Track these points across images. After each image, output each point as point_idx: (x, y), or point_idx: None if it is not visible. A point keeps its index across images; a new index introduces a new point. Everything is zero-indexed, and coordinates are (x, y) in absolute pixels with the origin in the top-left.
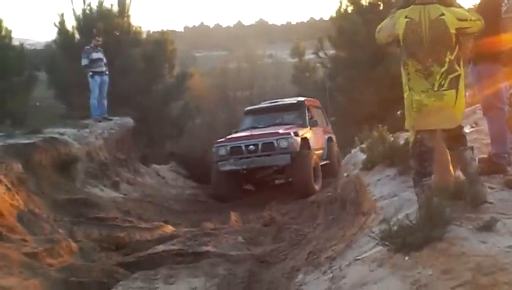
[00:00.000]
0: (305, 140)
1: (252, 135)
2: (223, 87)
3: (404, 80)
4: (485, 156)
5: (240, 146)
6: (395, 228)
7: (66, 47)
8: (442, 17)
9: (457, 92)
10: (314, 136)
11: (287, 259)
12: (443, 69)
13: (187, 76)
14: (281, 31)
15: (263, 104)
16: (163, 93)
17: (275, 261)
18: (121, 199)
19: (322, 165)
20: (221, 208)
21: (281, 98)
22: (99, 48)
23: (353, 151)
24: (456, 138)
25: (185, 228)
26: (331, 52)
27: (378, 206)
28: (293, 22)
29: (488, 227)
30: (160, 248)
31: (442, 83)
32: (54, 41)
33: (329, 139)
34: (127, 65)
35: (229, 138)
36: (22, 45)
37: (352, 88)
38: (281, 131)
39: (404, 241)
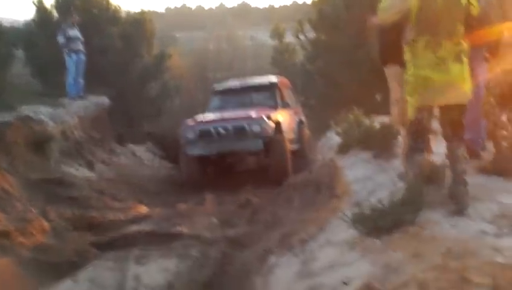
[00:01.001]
0: (277, 124)
1: (222, 118)
2: (203, 68)
3: (407, 57)
4: None
5: (210, 129)
6: (367, 211)
7: (44, 25)
8: None
9: (462, 65)
10: (285, 119)
11: (260, 242)
12: (452, 42)
13: (166, 56)
14: (264, 13)
15: (233, 83)
16: (142, 73)
17: (248, 243)
18: (96, 179)
19: (293, 150)
20: (196, 189)
21: (251, 77)
22: (75, 26)
23: (329, 134)
24: (455, 126)
25: (159, 208)
26: (312, 35)
27: (352, 189)
28: (276, 6)
29: (460, 211)
30: (134, 228)
31: (449, 56)
32: (33, 19)
33: (300, 122)
34: (105, 44)
35: (198, 120)
36: None
37: (331, 71)
38: (253, 115)
39: (376, 224)
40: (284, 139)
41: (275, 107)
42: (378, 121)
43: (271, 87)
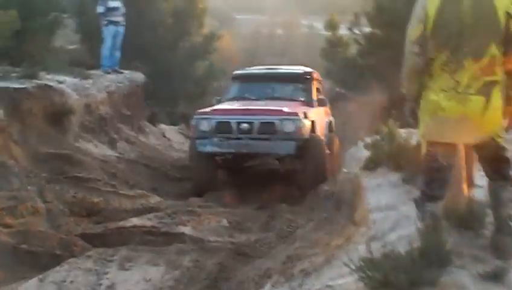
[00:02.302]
0: (312, 124)
1: (246, 109)
2: (253, 52)
3: (424, 80)
4: None
5: (229, 122)
6: (379, 258)
7: None
8: None
9: (487, 101)
10: (320, 119)
11: (266, 256)
12: (479, 65)
13: (216, 37)
14: (326, 2)
15: (259, 69)
16: (189, 52)
17: (254, 255)
18: (114, 159)
19: None
20: (220, 180)
21: (284, 65)
22: None
23: (360, 144)
24: (494, 162)
25: (171, 199)
26: (367, 29)
27: (372, 218)
28: None
29: (496, 276)
30: (133, 221)
31: (471, 84)
32: None
33: (330, 124)
34: (155, 19)
35: (215, 109)
36: None
37: (383, 69)
38: (285, 109)
39: (387, 279)
40: (322, 141)
41: (309, 104)
42: (415, 135)
43: (306, 79)
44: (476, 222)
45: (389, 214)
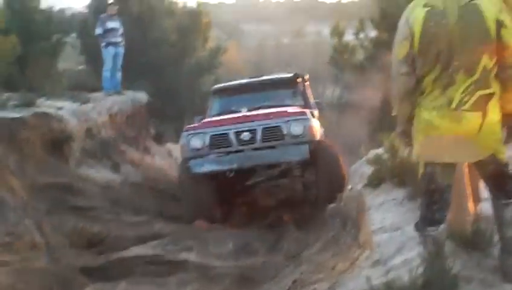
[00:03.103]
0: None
1: (245, 116)
2: (260, 63)
3: (416, 99)
4: None
5: (227, 133)
6: (380, 287)
7: (98, 13)
8: (475, 1)
9: (484, 117)
10: (319, 124)
11: (272, 281)
12: (472, 79)
13: (221, 50)
14: (332, 9)
15: (240, 81)
16: (195, 67)
17: (260, 279)
18: (117, 183)
19: None
20: (224, 200)
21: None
22: (116, 17)
23: (364, 158)
24: (497, 179)
25: (177, 223)
26: (373, 34)
27: (376, 241)
28: (344, 1)
29: None
30: (135, 251)
31: (465, 99)
32: (88, 6)
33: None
34: (159, 36)
35: (207, 122)
36: (50, 8)
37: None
38: (290, 110)
39: None
40: (333, 144)
41: (306, 107)
42: None
43: (296, 82)
44: (483, 241)
45: (394, 236)
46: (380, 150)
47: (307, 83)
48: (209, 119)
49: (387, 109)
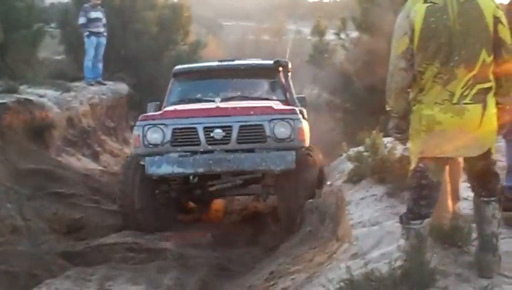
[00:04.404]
0: None
1: (219, 108)
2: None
3: (413, 93)
4: None
5: (195, 128)
6: (359, 280)
7: (80, 3)
8: None
9: (484, 109)
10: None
11: (250, 272)
12: (471, 74)
13: (201, 45)
14: (313, 7)
15: (209, 63)
16: (175, 61)
17: (237, 270)
18: (97, 172)
19: None
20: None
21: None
22: (99, 7)
23: (344, 155)
24: (483, 176)
25: None
26: (354, 34)
27: (354, 234)
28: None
29: None
30: (114, 238)
31: (466, 93)
32: None
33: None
34: (140, 28)
35: (170, 111)
36: None
37: (371, 75)
38: (276, 106)
39: None
40: (316, 152)
41: (288, 104)
42: (400, 147)
43: (277, 71)
44: (461, 238)
45: (372, 230)
46: (360, 148)
47: (290, 73)
48: (171, 108)
49: (365, 109)
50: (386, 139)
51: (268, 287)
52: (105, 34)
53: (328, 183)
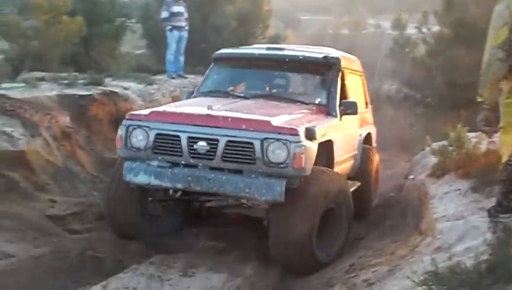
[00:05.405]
0: (328, 145)
1: (209, 116)
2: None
3: (507, 86)
4: None
5: (178, 136)
6: (444, 273)
7: None
8: None
9: None
10: (344, 135)
11: (329, 265)
12: None
13: (281, 38)
14: (394, 1)
15: (256, 49)
16: None
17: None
18: None
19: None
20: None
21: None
22: (181, 2)
23: (427, 149)
24: None
25: None
26: (436, 28)
27: (438, 228)
28: None
29: None
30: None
31: None
32: None
33: (367, 138)
34: (220, 23)
35: (156, 112)
36: None
37: (453, 70)
38: (274, 121)
39: None
40: (336, 178)
41: (327, 111)
42: (485, 142)
43: (328, 68)
44: None
45: (457, 224)
46: (444, 142)
47: (348, 70)
48: (163, 108)
49: (446, 104)
50: (470, 134)
51: (349, 279)
52: (187, 28)
53: (411, 177)
